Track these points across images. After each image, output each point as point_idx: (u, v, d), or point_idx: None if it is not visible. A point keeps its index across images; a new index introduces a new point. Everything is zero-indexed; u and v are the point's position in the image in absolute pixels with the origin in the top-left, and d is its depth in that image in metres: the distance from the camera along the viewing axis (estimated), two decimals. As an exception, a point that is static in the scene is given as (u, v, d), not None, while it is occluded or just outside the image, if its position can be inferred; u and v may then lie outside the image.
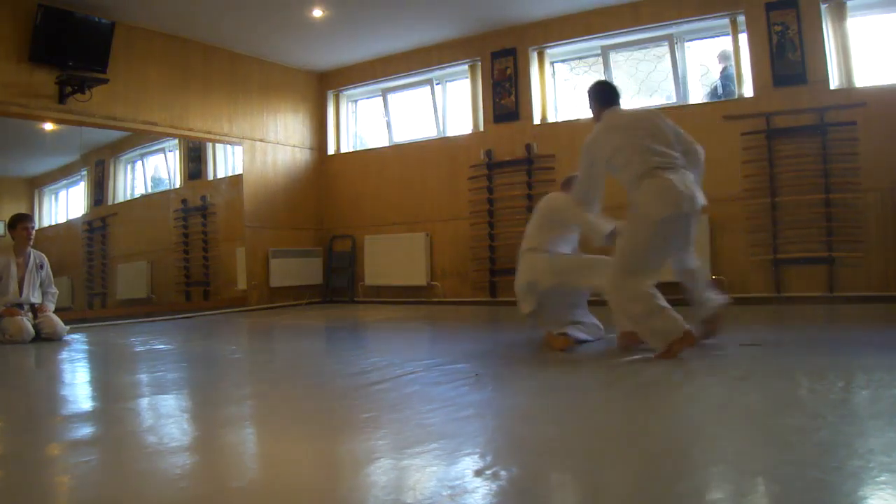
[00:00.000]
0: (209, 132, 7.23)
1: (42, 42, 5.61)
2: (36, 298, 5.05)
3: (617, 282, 3.30)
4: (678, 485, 1.53)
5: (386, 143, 8.17)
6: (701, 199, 3.37)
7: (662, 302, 3.20)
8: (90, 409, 2.65)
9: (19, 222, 5.06)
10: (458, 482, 1.59)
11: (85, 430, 2.26)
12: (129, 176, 7.18)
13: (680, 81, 6.36)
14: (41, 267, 5.14)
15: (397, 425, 2.17)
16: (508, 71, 7.04)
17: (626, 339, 3.50)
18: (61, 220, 6.67)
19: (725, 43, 6.19)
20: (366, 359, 3.73)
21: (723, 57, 6.28)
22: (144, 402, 2.74)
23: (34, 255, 5.12)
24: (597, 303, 3.86)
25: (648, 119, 3.53)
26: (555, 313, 3.80)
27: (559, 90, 7.13)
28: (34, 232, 5.12)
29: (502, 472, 1.66)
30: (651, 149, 3.34)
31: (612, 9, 6.43)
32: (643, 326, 3.21)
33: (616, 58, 6.70)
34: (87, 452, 2.00)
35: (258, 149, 7.72)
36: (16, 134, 5.91)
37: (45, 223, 6.56)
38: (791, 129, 5.66)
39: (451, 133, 7.66)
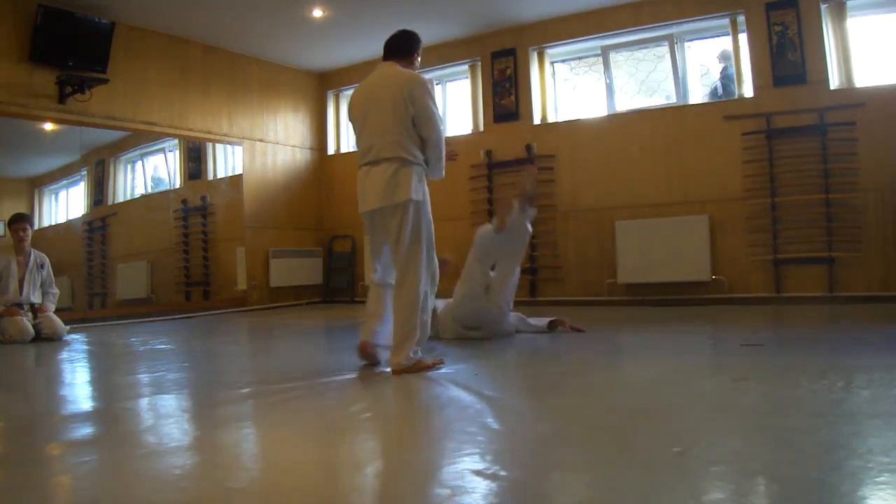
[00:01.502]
0: (209, 132, 7.23)
1: (42, 42, 5.62)
2: (36, 298, 5.05)
3: None
4: (678, 485, 1.53)
5: (386, 143, 8.16)
6: (385, 199, 2.94)
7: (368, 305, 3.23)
8: (90, 409, 2.65)
9: (12, 224, 5.05)
10: (458, 482, 1.59)
11: (85, 430, 2.26)
12: (129, 176, 7.18)
13: (680, 81, 6.36)
14: (42, 267, 5.15)
15: (397, 425, 2.17)
16: (508, 71, 7.04)
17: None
18: (61, 220, 6.67)
19: (725, 43, 6.19)
20: (366, 359, 3.73)
21: (723, 57, 6.28)
22: (144, 402, 2.74)
23: (35, 254, 5.13)
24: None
25: (385, 92, 3.00)
26: None
27: (559, 90, 7.13)
28: (26, 234, 5.05)
29: (502, 473, 1.66)
30: (369, 133, 3.02)
31: (612, 9, 6.44)
32: None
33: (616, 58, 6.70)
34: (87, 452, 2.00)
35: (258, 149, 7.72)
36: (16, 134, 5.91)
37: (45, 223, 6.56)
38: (791, 129, 5.66)
39: (450, 133, 7.66)
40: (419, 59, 3.24)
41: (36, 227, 6.29)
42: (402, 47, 3.14)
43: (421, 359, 2.98)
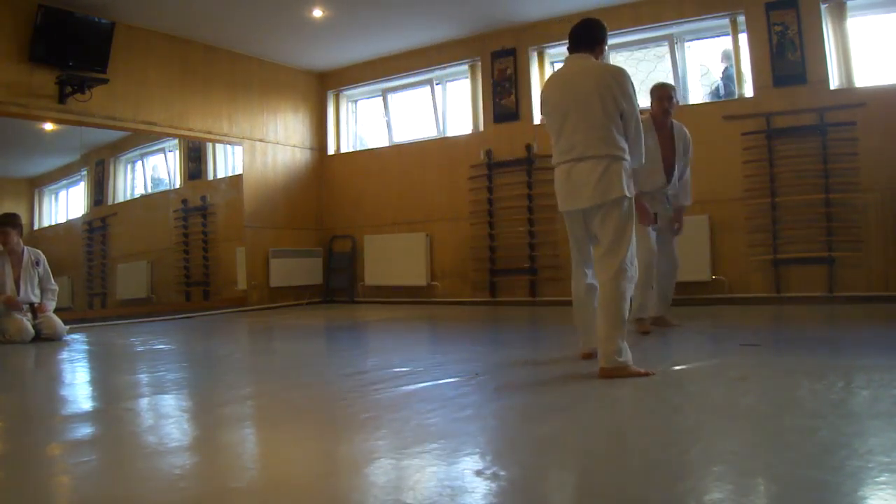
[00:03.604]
0: (209, 132, 7.23)
1: (42, 42, 5.61)
2: (35, 297, 5.02)
3: None
4: (678, 485, 1.53)
5: (386, 143, 8.17)
6: (597, 197, 2.85)
7: (576, 309, 3.17)
8: (90, 410, 2.65)
9: None
10: (458, 482, 1.59)
11: (85, 430, 2.26)
12: (129, 176, 7.18)
13: (680, 81, 6.36)
14: (37, 264, 5.07)
15: (397, 425, 2.17)
16: (508, 71, 7.04)
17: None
18: (61, 220, 6.67)
19: (725, 43, 6.20)
20: (366, 359, 3.73)
21: (726, 56, 6.28)
22: (144, 402, 2.74)
23: (28, 252, 5.06)
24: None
25: (588, 86, 2.89)
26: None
27: (559, 90, 7.12)
28: (9, 237, 4.92)
29: (502, 472, 1.66)
30: (572, 130, 2.91)
31: (612, 9, 6.43)
32: None
33: (616, 58, 6.70)
34: (87, 452, 2.00)
35: (258, 149, 7.72)
36: (16, 134, 5.90)
37: (45, 223, 6.56)
38: (791, 129, 5.66)
39: (451, 133, 7.66)
40: (605, 48, 3.15)
41: (35, 227, 6.31)
42: (589, 38, 3.05)
43: (631, 365, 2.77)
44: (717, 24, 6.14)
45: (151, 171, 7.45)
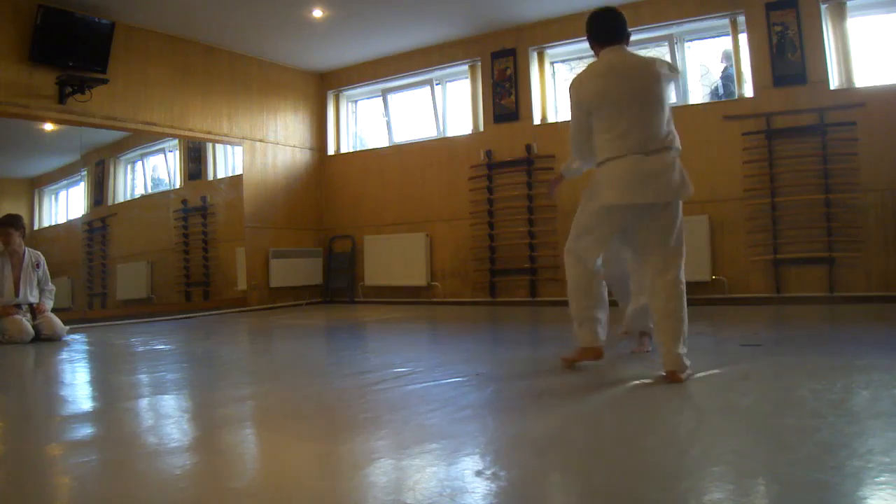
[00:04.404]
0: (209, 132, 7.23)
1: (42, 42, 5.62)
2: (34, 298, 5.02)
3: (566, 247, 3.02)
4: (678, 485, 1.53)
5: (386, 144, 8.17)
6: (672, 193, 2.73)
7: (591, 301, 2.93)
8: (90, 410, 2.65)
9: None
10: (458, 482, 1.59)
11: (85, 431, 2.26)
12: (129, 176, 7.18)
13: (680, 81, 6.36)
14: (38, 265, 5.09)
15: (397, 425, 2.17)
16: (508, 71, 7.04)
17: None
18: (61, 220, 6.67)
19: (725, 43, 6.20)
20: (365, 359, 3.73)
21: (726, 56, 6.28)
22: (144, 403, 2.74)
23: (29, 253, 5.07)
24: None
25: (644, 80, 2.77)
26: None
27: (559, 90, 7.12)
28: (11, 238, 4.95)
29: (502, 473, 1.66)
30: (638, 122, 2.73)
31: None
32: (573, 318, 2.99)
33: (616, 58, 6.69)
34: (87, 452, 2.00)
35: (258, 149, 7.72)
36: (16, 134, 5.91)
37: (45, 223, 6.56)
38: (791, 130, 5.66)
39: (451, 133, 7.66)
40: None
41: (35, 227, 6.31)
42: (626, 30, 2.89)
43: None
44: (717, 24, 6.14)
45: (151, 172, 7.45)
